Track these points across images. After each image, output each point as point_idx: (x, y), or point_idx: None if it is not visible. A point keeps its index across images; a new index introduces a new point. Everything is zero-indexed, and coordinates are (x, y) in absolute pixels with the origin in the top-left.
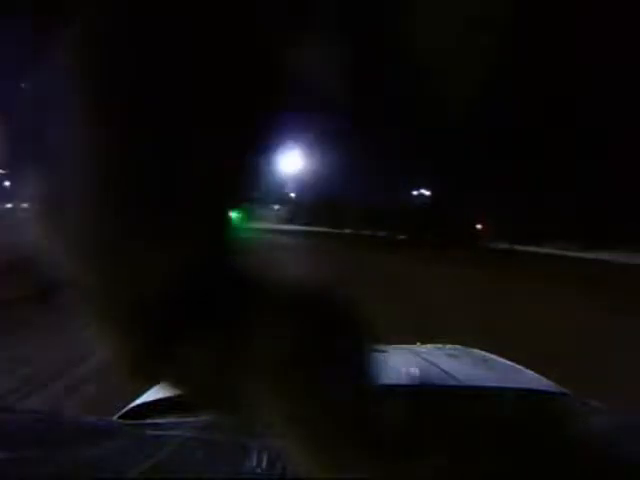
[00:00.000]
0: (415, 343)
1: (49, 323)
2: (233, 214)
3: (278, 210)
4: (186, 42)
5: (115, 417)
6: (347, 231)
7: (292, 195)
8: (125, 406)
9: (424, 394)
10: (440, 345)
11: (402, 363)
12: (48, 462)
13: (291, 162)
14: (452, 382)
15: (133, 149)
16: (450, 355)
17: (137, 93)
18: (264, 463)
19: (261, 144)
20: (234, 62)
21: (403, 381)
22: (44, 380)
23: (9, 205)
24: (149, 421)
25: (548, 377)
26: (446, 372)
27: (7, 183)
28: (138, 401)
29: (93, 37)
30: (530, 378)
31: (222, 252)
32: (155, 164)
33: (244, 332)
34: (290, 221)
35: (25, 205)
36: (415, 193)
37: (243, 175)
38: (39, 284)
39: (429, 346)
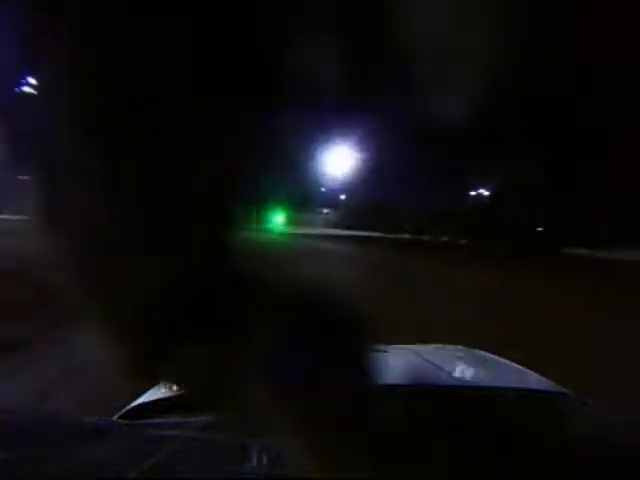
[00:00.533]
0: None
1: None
2: (274, 218)
3: (327, 214)
4: (187, 42)
5: (115, 417)
6: (405, 236)
7: (342, 198)
8: (125, 406)
9: (424, 394)
10: (440, 345)
11: (402, 363)
12: (48, 462)
13: (341, 164)
14: (452, 382)
15: (134, 150)
16: (450, 355)
17: (137, 93)
18: (264, 463)
19: (265, 146)
20: (235, 62)
21: (403, 381)
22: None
23: None
24: (149, 421)
25: (548, 377)
26: (446, 372)
27: None
28: (138, 401)
29: (94, 38)
30: (530, 378)
31: (223, 253)
32: (155, 165)
33: (244, 332)
34: (339, 225)
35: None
36: (473, 194)
37: (245, 176)
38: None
39: (429, 346)
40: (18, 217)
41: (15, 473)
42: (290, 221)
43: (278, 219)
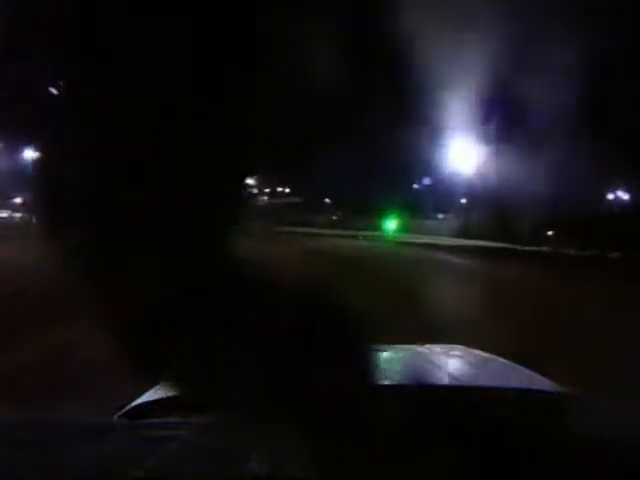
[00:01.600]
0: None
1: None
2: (387, 224)
3: (444, 220)
4: (188, 41)
5: (115, 417)
6: (544, 249)
7: (463, 201)
8: (125, 406)
9: (424, 394)
10: (440, 345)
11: (402, 363)
12: (48, 462)
13: (463, 165)
14: (452, 382)
15: (135, 149)
16: (450, 355)
17: (136, 92)
18: (264, 463)
19: (267, 148)
20: (234, 56)
21: (403, 381)
22: None
23: None
24: (149, 421)
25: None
26: (446, 372)
27: None
28: (138, 401)
29: (95, 38)
30: (530, 378)
31: (224, 252)
32: (154, 165)
33: (244, 332)
34: (458, 233)
35: None
36: (611, 197)
37: (245, 178)
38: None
39: (429, 346)
40: (19, 215)
41: (15, 473)
42: (404, 228)
43: (391, 225)
